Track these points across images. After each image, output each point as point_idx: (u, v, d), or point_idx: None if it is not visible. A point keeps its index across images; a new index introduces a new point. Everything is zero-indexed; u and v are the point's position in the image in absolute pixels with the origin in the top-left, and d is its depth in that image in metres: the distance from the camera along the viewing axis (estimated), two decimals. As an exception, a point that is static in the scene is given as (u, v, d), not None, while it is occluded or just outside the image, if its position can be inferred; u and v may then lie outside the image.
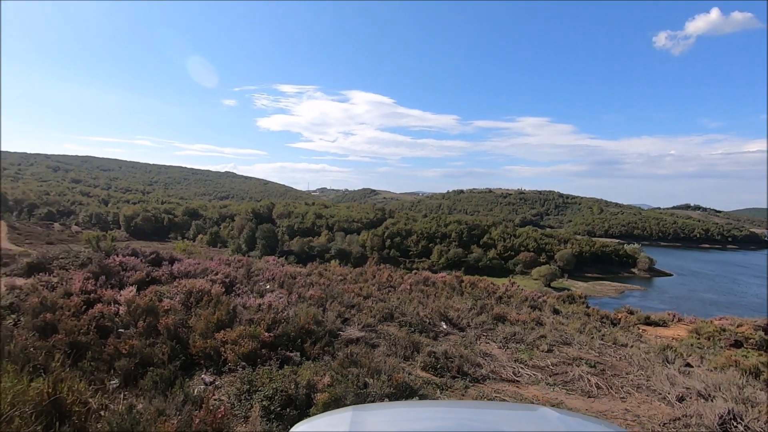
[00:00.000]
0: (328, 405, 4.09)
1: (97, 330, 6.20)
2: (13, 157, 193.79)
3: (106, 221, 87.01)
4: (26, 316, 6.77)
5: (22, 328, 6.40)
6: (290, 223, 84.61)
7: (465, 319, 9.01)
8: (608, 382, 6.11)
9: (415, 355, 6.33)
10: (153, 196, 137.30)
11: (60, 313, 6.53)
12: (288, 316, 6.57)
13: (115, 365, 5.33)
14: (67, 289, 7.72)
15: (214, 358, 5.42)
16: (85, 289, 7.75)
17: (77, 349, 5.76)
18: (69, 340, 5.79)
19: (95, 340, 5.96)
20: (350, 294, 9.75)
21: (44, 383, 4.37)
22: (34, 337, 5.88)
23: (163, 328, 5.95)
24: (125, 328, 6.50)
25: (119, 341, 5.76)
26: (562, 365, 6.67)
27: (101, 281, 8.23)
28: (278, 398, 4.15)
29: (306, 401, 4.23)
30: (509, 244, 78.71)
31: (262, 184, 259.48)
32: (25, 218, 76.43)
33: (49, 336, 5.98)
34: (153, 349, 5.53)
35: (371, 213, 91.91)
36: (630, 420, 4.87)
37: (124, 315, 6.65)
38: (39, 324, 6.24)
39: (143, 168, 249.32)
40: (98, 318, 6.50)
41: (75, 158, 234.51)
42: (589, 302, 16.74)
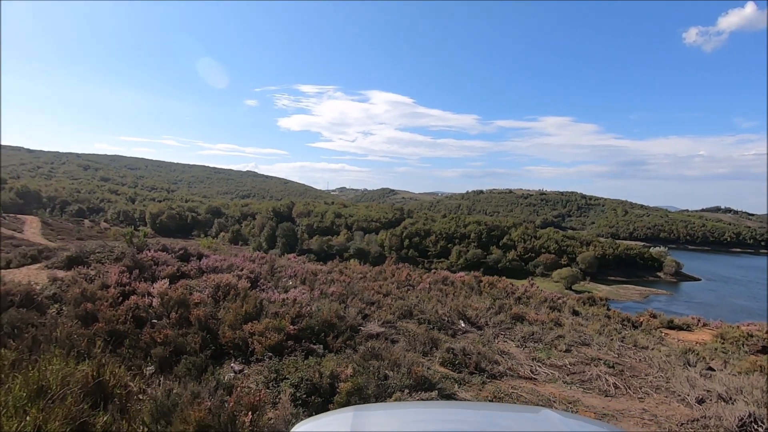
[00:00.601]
0: (351, 394, 4.31)
1: (133, 320, 6.60)
2: (46, 156, 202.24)
3: (133, 218, 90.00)
4: (68, 306, 7.23)
5: (65, 316, 6.86)
6: (310, 222, 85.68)
7: (483, 317, 9.11)
8: (626, 382, 6.14)
9: (433, 351, 6.49)
10: (177, 195, 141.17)
11: (99, 303, 6.96)
12: (311, 311, 6.83)
13: (151, 352, 5.69)
14: (104, 282, 8.18)
15: (242, 349, 5.72)
16: (121, 282, 8.19)
17: (116, 337, 6.16)
18: (108, 329, 6.19)
19: (132, 329, 6.35)
20: (370, 291, 9.97)
21: (89, 367, 4.74)
22: (77, 325, 6.31)
23: (194, 319, 6.29)
24: (158, 318, 6.87)
25: (154, 331, 6.13)
26: (580, 365, 6.72)
27: (135, 274, 8.67)
28: (304, 386, 4.39)
29: (330, 390, 4.45)
30: (529, 246, 77.70)
31: (282, 184, 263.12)
32: (58, 215, 79.75)
33: (90, 324, 6.41)
34: (185, 339, 5.87)
35: (390, 213, 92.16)
36: (647, 419, 4.92)
37: (157, 306, 7.03)
38: (81, 313, 6.68)
39: (168, 167, 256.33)
40: (134, 309, 6.90)
41: (105, 157, 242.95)
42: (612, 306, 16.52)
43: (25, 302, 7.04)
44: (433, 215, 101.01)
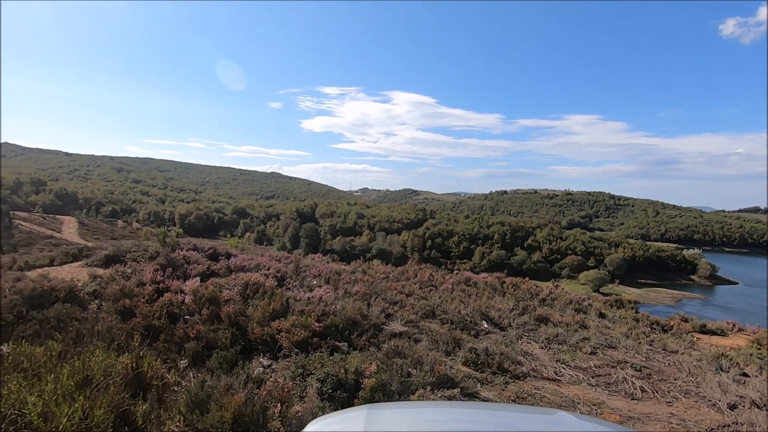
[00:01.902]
0: (375, 390, 4.42)
1: (167, 316, 6.93)
2: (82, 159, 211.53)
3: (163, 219, 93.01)
4: (107, 302, 7.65)
5: (105, 311, 7.26)
6: (332, 223, 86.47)
7: (506, 319, 9.07)
8: (654, 386, 6.02)
9: (456, 351, 6.54)
10: (204, 196, 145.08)
11: (136, 299, 7.33)
12: (336, 309, 6.99)
13: (185, 347, 5.97)
14: (140, 279, 8.60)
15: (270, 345, 5.93)
16: (155, 280, 8.59)
17: (152, 332, 6.48)
18: (145, 324, 6.53)
19: (166, 324, 6.66)
20: (393, 291, 10.08)
21: (128, 359, 5.03)
22: (116, 320, 6.68)
23: (224, 315, 6.55)
24: (190, 315, 7.18)
25: (187, 326, 6.41)
26: (605, 367, 6.62)
27: (168, 273, 9.06)
28: (330, 381, 4.54)
29: (355, 386, 4.58)
30: (555, 247, 76.06)
31: (305, 185, 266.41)
32: (93, 215, 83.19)
33: (128, 319, 6.76)
34: (216, 334, 6.12)
35: (412, 213, 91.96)
36: (674, 423, 4.83)
37: (189, 303, 7.34)
38: (119, 308, 7.06)
39: (196, 169, 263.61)
40: (168, 305, 7.23)
41: (136, 160, 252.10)
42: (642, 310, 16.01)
43: (69, 298, 7.47)
44: (455, 216, 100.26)
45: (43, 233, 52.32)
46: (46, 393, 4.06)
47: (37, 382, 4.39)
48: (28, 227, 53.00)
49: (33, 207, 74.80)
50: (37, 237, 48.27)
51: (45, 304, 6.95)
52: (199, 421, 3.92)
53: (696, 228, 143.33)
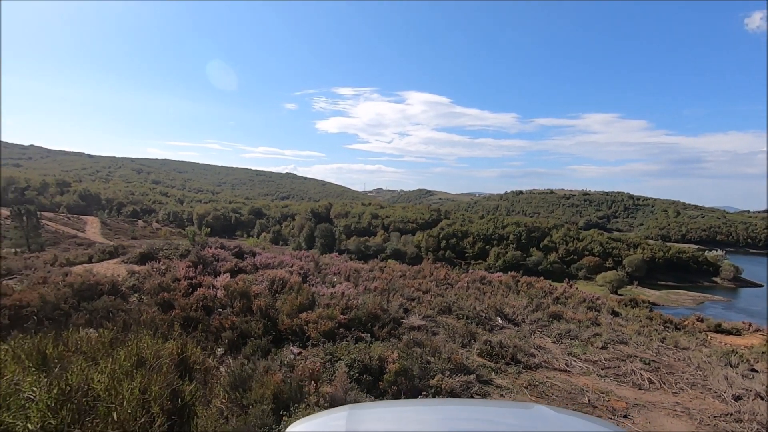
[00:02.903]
0: (398, 374, 4.86)
1: (203, 308, 7.50)
2: (104, 160, 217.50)
3: (182, 219, 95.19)
4: (146, 295, 8.27)
5: (145, 304, 7.87)
6: (347, 223, 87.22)
7: (520, 315, 9.40)
8: (662, 378, 6.30)
9: (471, 343, 6.93)
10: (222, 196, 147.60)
11: (174, 293, 7.93)
12: (358, 304, 7.45)
13: (221, 336, 6.51)
14: (174, 275, 9.21)
15: (299, 334, 6.42)
16: (188, 275, 9.19)
17: (189, 323, 7.05)
18: (183, 315, 7.10)
19: (203, 316, 7.23)
20: (410, 288, 10.50)
21: (173, 345, 5.59)
22: (157, 311, 7.27)
23: (256, 308, 7.08)
24: (223, 308, 7.74)
25: (222, 317, 6.96)
26: (615, 360, 6.92)
27: (199, 269, 9.67)
28: (356, 366, 5.00)
29: (379, 370, 5.03)
30: (572, 248, 75.27)
31: (320, 185, 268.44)
32: (115, 215, 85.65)
33: (167, 311, 7.35)
34: (249, 325, 6.65)
35: (426, 214, 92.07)
36: (678, 411, 5.14)
37: (222, 297, 7.90)
38: (159, 301, 7.66)
39: (213, 170, 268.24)
40: (202, 299, 7.81)
41: (155, 161, 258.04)
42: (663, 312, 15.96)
43: (112, 291, 8.12)
44: (470, 216, 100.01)
45: (68, 233, 54.23)
46: (108, 371, 4.63)
47: (96, 363, 4.96)
48: (54, 227, 54.98)
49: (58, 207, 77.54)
50: (62, 236, 50.12)
51: (93, 296, 7.60)
52: (242, 397, 4.42)
53: (719, 229, 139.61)
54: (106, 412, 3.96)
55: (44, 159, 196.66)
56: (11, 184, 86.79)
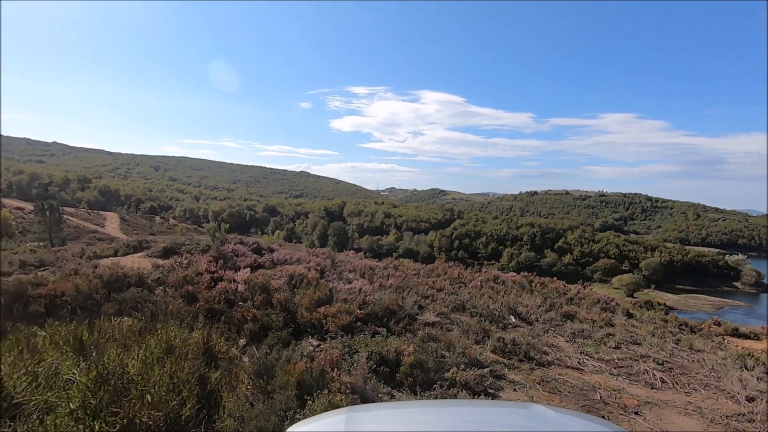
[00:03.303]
0: (414, 366, 5.04)
1: (225, 301, 7.79)
2: (123, 157, 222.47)
3: (198, 216, 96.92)
4: (171, 288, 8.61)
5: (170, 296, 8.21)
6: (360, 222, 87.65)
7: (533, 314, 9.49)
8: (674, 378, 6.35)
9: (485, 340, 7.07)
10: (237, 194, 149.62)
11: (197, 286, 8.24)
12: (374, 299, 7.66)
13: (243, 328, 6.78)
14: (196, 269, 9.54)
15: (317, 328, 6.65)
16: (210, 270, 9.51)
17: (213, 314, 7.35)
18: (207, 307, 7.40)
19: (225, 308, 7.52)
20: (424, 286, 10.67)
21: (199, 335, 5.87)
22: (182, 303, 7.59)
23: (276, 302, 7.34)
24: (244, 301, 8.02)
25: (243, 310, 7.23)
26: (628, 360, 6.98)
27: (220, 264, 9.99)
28: (374, 358, 5.20)
29: (395, 362, 5.22)
30: (587, 250, 74.40)
31: (333, 184, 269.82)
32: (133, 211, 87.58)
33: (191, 303, 7.67)
34: (270, 318, 6.90)
35: (439, 213, 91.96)
36: (690, 410, 5.20)
37: (242, 291, 8.19)
38: (183, 294, 7.98)
39: (228, 168, 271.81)
40: (224, 292, 8.11)
41: (172, 159, 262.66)
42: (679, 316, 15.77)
43: (139, 283, 8.47)
44: (484, 216, 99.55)
45: (89, 228, 55.70)
46: (140, 357, 4.92)
47: (128, 350, 5.26)
48: (75, 222, 56.48)
49: (79, 203, 79.70)
50: (83, 231, 51.55)
51: (121, 287, 7.96)
52: (267, 384, 4.66)
53: (740, 232, 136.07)
54: (140, 394, 4.25)
55: (66, 156, 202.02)
56: (35, 179, 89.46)
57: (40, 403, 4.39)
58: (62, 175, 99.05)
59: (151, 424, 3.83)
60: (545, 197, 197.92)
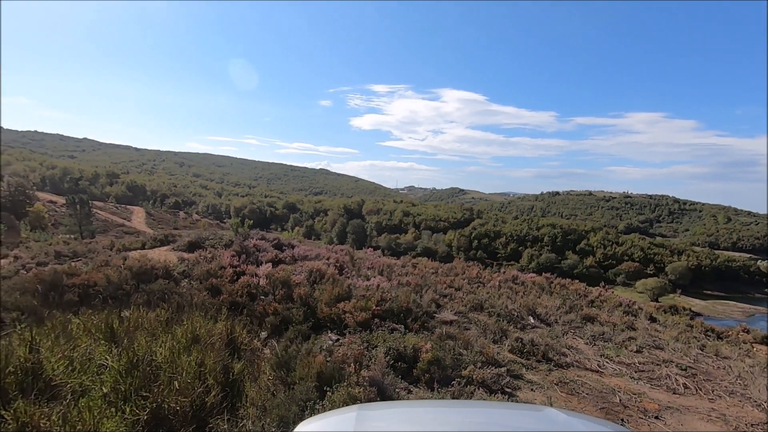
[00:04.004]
0: (431, 363, 5.10)
1: (247, 294, 8.01)
2: (150, 153, 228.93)
3: (220, 211, 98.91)
4: (196, 281, 8.89)
5: (195, 288, 8.48)
6: (379, 220, 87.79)
7: (553, 316, 9.40)
8: (698, 384, 6.21)
9: (503, 340, 7.06)
10: (258, 190, 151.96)
11: (221, 280, 8.49)
12: (392, 296, 7.73)
13: (265, 321, 6.96)
14: (219, 263, 9.82)
15: (336, 323, 6.78)
16: (232, 264, 9.77)
17: (235, 307, 7.57)
18: (230, 300, 7.62)
19: (248, 302, 7.73)
20: (442, 285, 10.69)
21: (223, 326, 6.07)
22: (207, 296, 7.83)
23: (296, 296, 7.50)
24: (265, 295, 8.22)
25: (265, 304, 7.42)
26: (649, 364, 6.85)
27: (242, 258, 10.25)
28: (391, 353, 5.28)
29: (413, 359, 5.29)
30: (610, 252, 72.63)
31: (353, 182, 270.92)
32: (158, 206, 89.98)
33: (215, 296, 7.91)
34: (291, 312, 7.07)
35: (459, 213, 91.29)
36: (714, 417, 5.10)
37: (264, 285, 8.39)
38: (207, 286, 8.23)
39: (250, 164, 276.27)
40: (247, 286, 8.33)
41: (196, 155, 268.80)
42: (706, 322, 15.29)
43: (165, 275, 8.78)
44: (503, 216, 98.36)
45: (116, 222, 57.61)
46: (168, 346, 5.13)
47: (156, 338, 5.49)
48: (104, 216, 58.43)
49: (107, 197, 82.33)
50: (111, 225, 53.34)
51: (149, 279, 8.27)
52: (287, 376, 4.80)
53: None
54: (168, 380, 4.44)
55: (96, 152, 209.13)
56: (67, 174, 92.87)
57: (75, 386, 4.64)
58: (92, 171, 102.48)
59: (178, 409, 4.01)
60: (567, 198, 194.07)
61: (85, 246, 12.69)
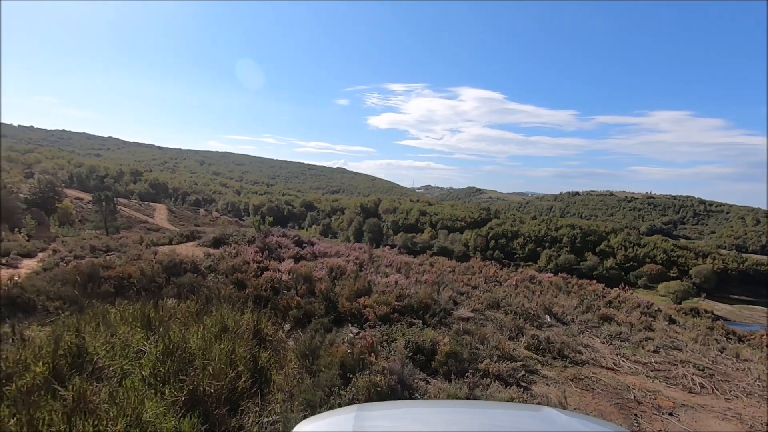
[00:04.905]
0: (448, 356, 5.30)
1: (271, 289, 8.34)
2: (171, 152, 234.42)
3: (239, 209, 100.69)
4: (221, 275, 9.27)
5: (221, 282, 8.86)
6: (395, 219, 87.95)
7: (570, 315, 9.46)
8: (715, 384, 6.24)
9: (519, 337, 7.20)
10: (276, 189, 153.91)
11: (246, 274, 8.85)
12: (410, 293, 7.95)
13: (288, 314, 7.27)
14: (243, 259, 10.20)
15: (357, 317, 7.04)
16: (256, 260, 10.14)
17: (260, 301, 7.90)
18: (255, 294, 7.96)
19: (271, 295, 8.06)
20: (459, 283, 10.85)
21: (250, 317, 6.40)
22: (233, 289, 8.19)
23: (318, 291, 7.79)
24: (287, 290, 8.53)
25: (289, 298, 7.73)
26: (666, 364, 6.89)
27: (265, 255, 10.61)
28: (410, 346, 5.50)
29: (431, 352, 5.50)
30: (631, 254, 71.10)
31: (369, 180, 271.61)
32: (180, 203, 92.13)
33: (241, 289, 8.26)
34: (313, 306, 7.36)
35: (476, 212, 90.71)
36: (729, 416, 5.15)
37: (287, 280, 8.71)
38: (233, 280, 8.60)
39: (268, 163, 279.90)
40: (270, 281, 8.66)
41: (216, 154, 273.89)
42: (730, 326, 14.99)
43: (193, 269, 9.19)
44: (521, 216, 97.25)
45: (139, 218, 59.26)
46: (200, 334, 5.48)
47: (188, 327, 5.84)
48: (128, 213, 60.15)
49: (131, 195, 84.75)
50: (135, 221, 54.95)
51: (178, 273, 8.69)
52: (312, 364, 5.07)
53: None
54: (203, 366, 4.78)
55: (120, 150, 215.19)
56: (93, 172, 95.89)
57: (117, 369, 5.04)
58: (117, 168, 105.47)
59: (212, 392, 4.32)
60: (587, 198, 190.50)
61: (116, 241, 13.29)
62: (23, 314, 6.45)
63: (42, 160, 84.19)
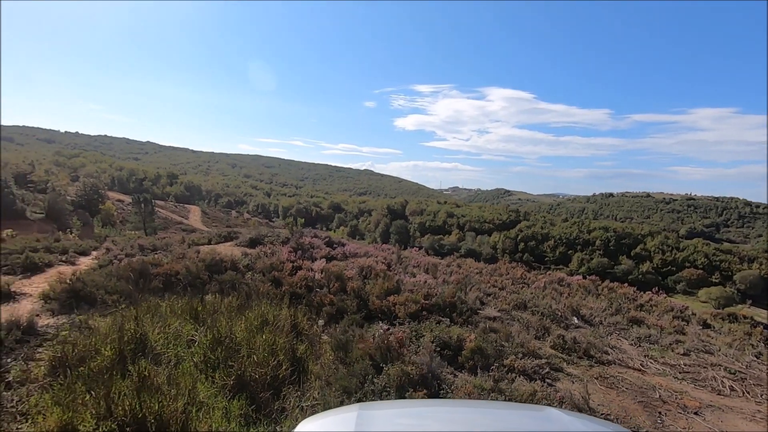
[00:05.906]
0: (474, 352, 5.56)
1: (305, 286, 8.81)
2: (205, 155, 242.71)
3: (269, 211, 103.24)
4: (259, 273, 9.83)
5: (259, 280, 9.41)
6: (422, 221, 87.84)
7: (598, 317, 9.46)
8: (746, 388, 6.19)
9: (545, 336, 7.35)
10: (304, 191, 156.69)
11: (281, 273, 9.36)
12: (438, 292, 8.23)
13: (321, 310, 7.70)
14: (278, 258, 10.74)
15: (387, 314, 7.39)
16: (290, 259, 10.66)
17: (295, 298, 8.37)
18: (290, 291, 8.44)
19: (306, 293, 8.52)
20: (486, 284, 11.02)
21: (287, 313, 6.86)
22: (270, 287, 8.71)
23: (349, 289, 8.19)
24: (320, 288, 8.98)
25: (322, 295, 8.17)
26: (696, 366, 6.86)
27: (298, 254, 11.13)
28: (437, 342, 5.79)
29: (458, 347, 5.77)
30: (669, 258, 68.17)
31: (396, 182, 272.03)
32: (213, 205, 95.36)
33: (277, 287, 8.77)
34: (345, 303, 7.76)
35: (504, 214, 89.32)
36: (758, 418, 5.16)
37: (320, 279, 9.17)
38: (270, 278, 9.12)
39: (297, 165, 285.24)
40: (304, 279, 9.14)
41: (247, 157, 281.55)
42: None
43: (233, 268, 9.78)
44: (552, 218, 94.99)
45: (175, 219, 61.76)
46: (244, 327, 5.98)
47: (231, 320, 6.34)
48: (164, 214, 62.76)
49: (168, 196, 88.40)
50: (171, 222, 57.33)
51: (220, 270, 9.29)
52: (346, 356, 5.45)
53: None
54: (248, 354, 5.26)
55: (157, 154, 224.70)
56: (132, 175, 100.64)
57: (171, 355, 5.60)
58: (154, 172, 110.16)
59: (257, 378, 4.78)
60: (622, 199, 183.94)
61: (160, 241, 14.19)
62: (86, 306, 7.15)
63: (86, 164, 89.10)
